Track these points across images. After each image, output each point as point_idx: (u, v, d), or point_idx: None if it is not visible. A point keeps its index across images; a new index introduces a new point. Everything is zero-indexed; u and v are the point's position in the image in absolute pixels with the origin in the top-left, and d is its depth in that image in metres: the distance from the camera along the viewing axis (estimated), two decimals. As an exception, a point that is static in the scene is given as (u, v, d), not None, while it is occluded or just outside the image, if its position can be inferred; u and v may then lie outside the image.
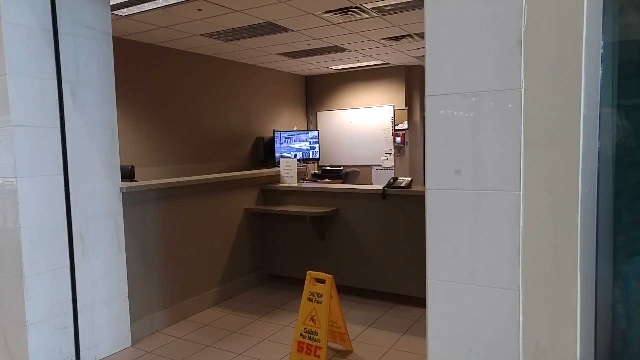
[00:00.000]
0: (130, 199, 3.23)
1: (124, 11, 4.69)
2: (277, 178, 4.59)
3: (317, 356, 2.80)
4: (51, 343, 2.77)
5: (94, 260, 2.97)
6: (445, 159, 1.78)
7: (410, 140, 8.50)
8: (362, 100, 8.77)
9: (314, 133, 8.56)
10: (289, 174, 4.55)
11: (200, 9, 4.72)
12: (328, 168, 8.36)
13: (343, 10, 4.91)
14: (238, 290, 4.22)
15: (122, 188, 3.13)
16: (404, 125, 8.39)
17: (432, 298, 1.84)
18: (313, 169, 8.71)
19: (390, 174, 8.07)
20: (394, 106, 8.44)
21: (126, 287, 3.17)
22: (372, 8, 4.87)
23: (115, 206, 3.10)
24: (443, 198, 1.80)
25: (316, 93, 9.28)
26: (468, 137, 1.72)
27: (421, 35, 5.92)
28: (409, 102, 8.48)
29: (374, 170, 8.64)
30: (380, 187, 3.86)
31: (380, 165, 8.58)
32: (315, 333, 2.83)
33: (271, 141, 7.91)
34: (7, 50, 2.51)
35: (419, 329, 3.33)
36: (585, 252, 1.59)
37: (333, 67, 8.37)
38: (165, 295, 3.56)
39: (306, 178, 7.74)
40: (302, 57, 7.26)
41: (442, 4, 1.72)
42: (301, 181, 4.77)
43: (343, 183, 7.19)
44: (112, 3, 4.28)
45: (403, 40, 6.37)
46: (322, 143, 8.86)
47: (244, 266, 4.32)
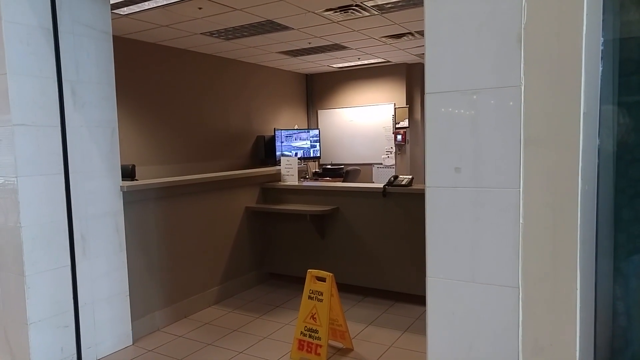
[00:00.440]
0: (131, 198, 3.23)
1: (124, 10, 4.69)
2: (277, 177, 4.59)
3: (318, 354, 2.81)
4: (52, 342, 2.78)
5: (95, 259, 2.98)
6: (445, 156, 1.78)
7: (411, 139, 8.50)
8: (363, 99, 8.76)
9: (315, 131, 8.56)
10: (289, 173, 4.55)
11: (200, 8, 4.72)
12: (329, 166, 8.36)
13: (343, 8, 4.90)
14: (239, 288, 4.23)
15: (122, 187, 3.13)
16: (405, 123, 8.39)
17: (432, 296, 1.84)
18: (314, 167, 8.71)
19: (391, 173, 8.07)
20: (395, 104, 8.43)
21: (127, 285, 3.18)
22: (372, 6, 4.86)
23: (116, 205, 3.10)
24: (443, 196, 1.80)
25: (317, 91, 9.28)
26: (468, 134, 1.72)
27: (422, 33, 5.92)
28: (409, 100, 8.47)
29: (374, 168, 8.64)
30: (381, 186, 3.86)
31: (381, 164, 8.58)
32: (316, 331, 2.84)
33: (272, 140, 7.92)
34: (7, 50, 2.51)
35: (419, 326, 3.33)
36: (585, 249, 1.59)
37: (334, 66, 8.36)
38: (166, 293, 3.57)
39: (307, 177, 7.74)
40: (302, 55, 7.26)
41: (442, 2, 1.71)
42: (302, 180, 4.77)
43: (344, 181, 7.19)
44: (112, 2, 4.29)
45: (404, 38, 6.36)
46: (322, 141, 8.85)
47: (244, 265, 4.33)
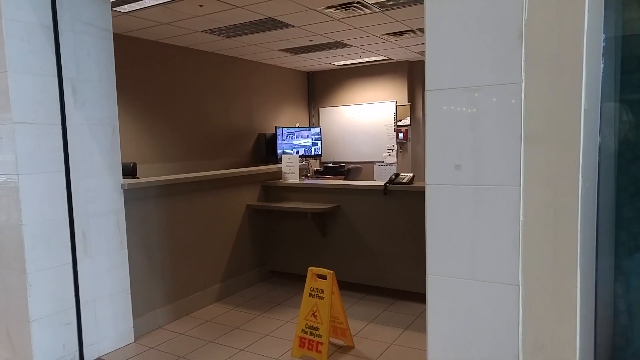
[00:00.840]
0: (132, 196, 3.23)
1: (125, 7, 4.69)
2: (278, 175, 4.59)
3: (319, 351, 2.81)
4: (54, 339, 2.78)
5: (96, 256, 2.98)
6: (445, 154, 1.78)
7: (412, 136, 8.49)
8: (365, 96, 8.75)
9: (316, 129, 8.55)
10: (290, 171, 4.55)
11: (201, 5, 4.71)
12: (330, 164, 8.35)
13: (345, 6, 4.89)
14: (240, 286, 4.23)
15: (123, 185, 3.13)
16: (407, 121, 8.38)
17: (432, 293, 1.84)
18: (315, 165, 8.71)
19: (393, 170, 8.06)
20: (397, 102, 8.42)
21: (128, 283, 3.18)
22: (373, 3, 4.85)
23: (117, 203, 3.11)
24: (443, 193, 1.79)
25: (318, 89, 9.27)
26: (468, 131, 1.71)
27: (423, 30, 5.91)
28: (411, 98, 8.46)
29: (376, 166, 8.63)
30: (382, 184, 3.86)
31: (383, 162, 8.57)
32: (317, 329, 2.84)
33: (273, 138, 7.91)
34: (7, 47, 2.51)
35: (420, 324, 3.32)
36: (585, 247, 1.58)
37: (335, 63, 8.35)
38: (168, 291, 3.58)
39: (308, 174, 7.74)
40: (304, 53, 7.25)
41: (442, -2, 1.71)
42: (303, 178, 4.77)
43: (345, 179, 7.19)
44: None
45: (405, 35, 6.34)
46: (324, 139, 8.85)
47: (246, 262, 4.33)
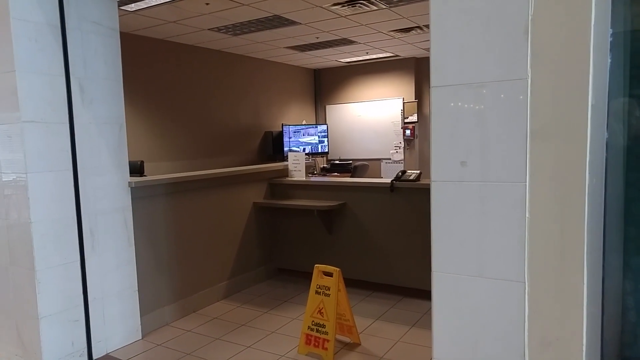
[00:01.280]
0: (139, 194, 3.25)
1: (132, 6, 4.71)
2: (285, 172, 4.59)
3: (325, 349, 2.81)
4: (63, 336, 2.81)
5: (104, 254, 3.00)
6: (450, 150, 1.77)
7: (420, 133, 8.45)
8: (372, 93, 8.73)
9: (323, 127, 8.55)
10: (297, 168, 4.55)
11: (207, 3, 4.72)
12: (337, 162, 8.34)
13: (351, 2, 4.87)
14: (247, 283, 4.25)
15: (130, 183, 3.15)
16: (414, 118, 8.34)
17: (438, 291, 1.83)
18: (322, 162, 8.70)
19: (400, 168, 8.04)
20: (404, 99, 8.39)
21: (136, 281, 3.21)
22: (380, 0, 4.82)
23: (124, 201, 3.13)
24: (449, 190, 1.78)
25: (325, 86, 9.26)
26: (474, 128, 1.70)
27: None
28: (418, 95, 8.42)
29: (383, 163, 8.61)
30: (389, 181, 3.85)
31: (390, 159, 8.55)
32: (323, 326, 2.84)
33: (280, 135, 7.92)
34: (15, 47, 2.53)
35: (427, 321, 3.31)
36: (593, 243, 1.57)
37: (342, 60, 8.33)
38: (175, 288, 3.60)
39: (315, 172, 7.74)
40: (310, 50, 7.24)
41: (447, -6, 1.69)
42: (309, 175, 4.77)
43: (352, 177, 7.18)
44: (120, -1, 4.30)
45: (412, 32, 6.31)
46: (331, 137, 8.84)
47: (253, 260, 4.34)
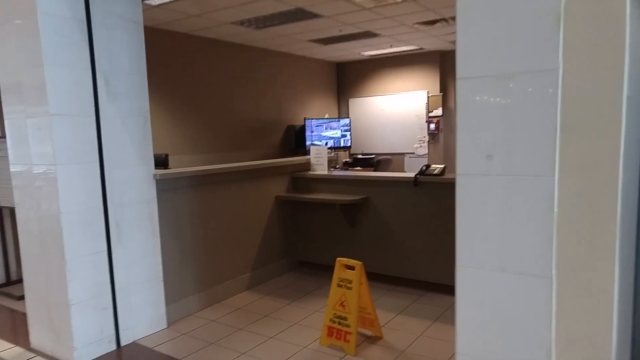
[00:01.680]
0: (164, 186, 3.30)
1: (155, 0, 4.76)
2: (307, 166, 4.59)
3: (347, 341, 2.81)
4: (93, 322, 2.89)
5: (130, 245, 3.06)
6: (476, 143, 1.73)
7: (444, 127, 8.33)
8: (395, 87, 8.64)
9: (346, 120, 8.51)
10: (319, 162, 4.54)
11: (231, -3, 4.73)
12: (360, 156, 8.30)
13: (374, -6, 4.82)
14: (270, 275, 4.28)
15: (155, 175, 3.20)
16: (439, 111, 8.23)
17: (461, 285, 1.81)
18: (344, 157, 8.67)
19: (424, 162, 7.95)
20: (428, 92, 8.28)
21: (161, 271, 3.26)
22: (404, -9, 4.75)
23: (150, 193, 3.18)
24: (474, 184, 1.75)
25: (348, 80, 9.20)
26: (501, 120, 1.66)
27: (455, 18, 5.75)
28: (443, 88, 8.30)
29: (407, 158, 8.53)
30: (412, 175, 3.81)
31: (414, 153, 8.46)
32: (345, 318, 2.84)
33: (302, 129, 7.92)
34: (43, 41, 2.59)
35: (449, 316, 3.28)
36: (625, 240, 1.51)
37: (365, 53, 8.26)
38: (200, 279, 3.65)
39: (337, 166, 7.72)
40: (333, 43, 7.20)
41: (474, -18, 1.65)
42: (332, 169, 4.76)
43: (375, 171, 7.13)
44: (146, -7, 4.35)
45: (437, 24, 6.21)
46: (353, 130, 8.80)
47: (275, 252, 4.37)
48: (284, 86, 7.97)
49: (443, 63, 8.24)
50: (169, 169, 4.27)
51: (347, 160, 8.27)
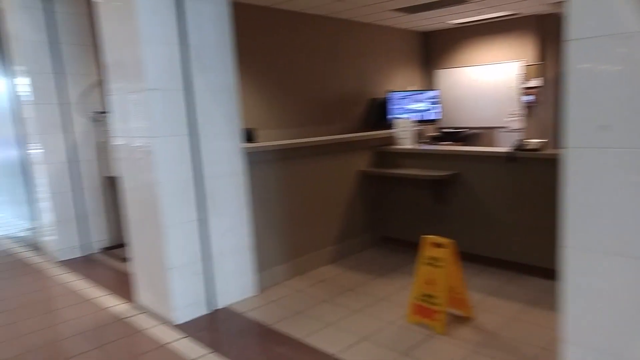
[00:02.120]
0: (252, 159, 3.39)
1: (244, -24, 4.81)
2: (392, 140, 4.48)
3: (435, 320, 2.74)
4: (188, 286, 3.08)
5: (220, 215, 3.20)
6: (589, 112, 1.55)
7: (542, 99, 7.72)
8: (487, 57, 8.11)
9: (432, 93, 8.17)
10: (405, 136, 4.41)
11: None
12: (448, 130, 7.96)
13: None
14: (352, 250, 4.28)
15: (243, 148, 3.29)
16: (535, 82, 7.62)
17: (571, 269, 1.65)
18: (431, 131, 8.38)
19: (518, 137, 7.44)
20: (524, 62, 7.68)
21: (250, 240, 3.38)
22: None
23: (238, 165, 3.28)
24: (587, 157, 1.58)
25: (434, 50, 8.80)
26: (620, 84, 1.46)
27: (559, -24, 5.21)
28: (541, 57, 7.65)
29: (499, 132, 8.05)
30: (507, 150, 3.56)
31: (507, 127, 7.95)
32: (433, 297, 2.76)
33: (385, 103, 7.74)
34: (140, 19, 2.71)
35: (542, 300, 3.07)
36: None
37: (453, 22, 7.82)
38: (286, 250, 3.74)
39: (423, 140, 7.48)
40: (419, 12, 6.88)
41: None
42: (418, 143, 4.60)
43: (465, 146, 6.81)
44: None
45: (536, -16, 5.68)
46: (441, 103, 8.44)
47: (357, 227, 4.36)
48: (367, 58, 7.81)
49: (541, 29, 7.57)
50: (256, 142, 4.38)
51: (435, 134, 7.98)
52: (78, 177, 4.52)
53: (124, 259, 4.19)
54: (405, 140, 4.40)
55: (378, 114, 7.79)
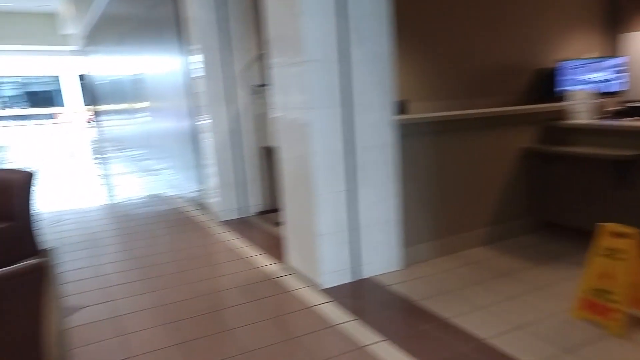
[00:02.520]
0: (404, 131, 3.26)
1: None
2: (563, 114, 3.93)
3: (611, 318, 2.35)
4: (335, 253, 3.14)
5: (369, 186, 3.16)
6: None
7: None
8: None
9: (617, 60, 6.98)
10: (582, 109, 3.83)
11: None
12: (637, 104, 6.75)
13: None
14: (510, 233, 3.92)
15: (396, 120, 3.18)
16: None
17: None
18: (613, 104, 7.21)
19: None
20: None
21: (398, 214, 3.30)
22: None
23: (390, 137, 3.19)
24: None
25: (624, 8, 7.46)
26: None
27: None
28: None
29: (703, 107, 6.57)
30: None
31: None
32: (609, 292, 2.36)
33: (553, 73, 6.85)
34: (301, -8, 2.75)
35: None
36: None
37: (651, -26, 6.51)
38: (434, 227, 3.57)
39: (604, 115, 6.47)
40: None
41: None
42: (597, 118, 3.96)
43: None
44: None
45: None
46: (631, 73, 7.16)
47: (517, 209, 3.96)
48: (534, 23, 6.96)
49: None
50: (408, 114, 4.23)
51: (618, 108, 6.84)
52: (239, 146, 4.91)
53: (277, 223, 4.47)
54: (582, 114, 3.83)
55: (544, 86, 6.94)
